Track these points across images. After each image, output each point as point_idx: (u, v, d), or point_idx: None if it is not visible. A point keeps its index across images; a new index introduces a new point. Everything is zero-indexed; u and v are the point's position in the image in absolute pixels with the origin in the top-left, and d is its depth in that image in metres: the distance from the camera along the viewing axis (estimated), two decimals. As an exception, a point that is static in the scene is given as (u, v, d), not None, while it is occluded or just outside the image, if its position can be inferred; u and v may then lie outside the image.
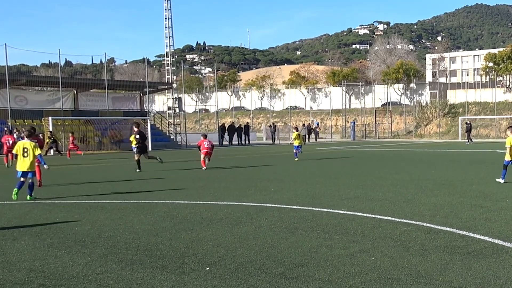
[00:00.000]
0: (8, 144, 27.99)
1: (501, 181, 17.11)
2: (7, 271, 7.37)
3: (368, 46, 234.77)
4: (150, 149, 42.78)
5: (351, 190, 15.69)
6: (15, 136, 30.33)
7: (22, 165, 14.65)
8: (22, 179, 14.72)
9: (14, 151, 15.22)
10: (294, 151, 31.44)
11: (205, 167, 25.15)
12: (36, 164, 18.67)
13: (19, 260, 7.97)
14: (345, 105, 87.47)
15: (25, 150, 14.63)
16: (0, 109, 47.39)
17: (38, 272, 7.28)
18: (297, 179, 19.68)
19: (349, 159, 32.27)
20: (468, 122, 57.54)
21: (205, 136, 26.89)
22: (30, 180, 14.83)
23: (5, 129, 43.39)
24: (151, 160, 25.87)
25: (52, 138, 37.34)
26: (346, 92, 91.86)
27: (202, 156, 25.60)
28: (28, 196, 14.81)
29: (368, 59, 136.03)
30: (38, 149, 14.98)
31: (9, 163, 27.38)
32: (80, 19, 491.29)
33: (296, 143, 31.58)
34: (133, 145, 27.63)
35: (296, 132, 32.53)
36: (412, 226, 10.13)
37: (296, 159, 30.52)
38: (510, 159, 17.31)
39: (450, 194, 14.52)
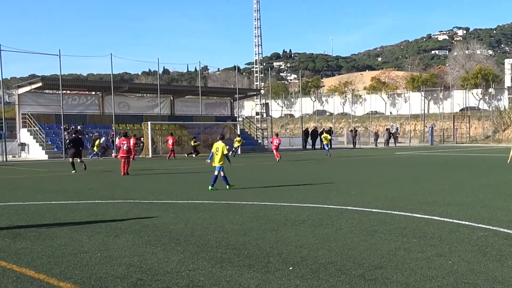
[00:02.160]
0: (123, 148, 25.27)
1: None
2: (109, 265, 7.62)
3: (447, 51, 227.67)
4: (239, 152, 43.29)
5: (429, 195, 15.33)
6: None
7: (216, 161, 17.28)
8: (216, 172, 17.24)
9: (212, 150, 17.69)
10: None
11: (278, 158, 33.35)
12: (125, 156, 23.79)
13: (120, 255, 8.22)
14: (424, 110, 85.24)
15: (217, 149, 17.27)
16: (106, 114, 49.05)
17: (136, 267, 7.48)
18: (377, 182, 19.42)
19: (427, 163, 31.53)
20: None
21: (276, 135, 38.49)
22: (223, 174, 17.25)
23: (111, 133, 45.02)
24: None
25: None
26: (425, 97, 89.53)
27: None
28: (228, 186, 17.26)
29: (447, 65, 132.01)
30: (226, 148, 17.57)
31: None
32: (177, 30, 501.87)
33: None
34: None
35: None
36: (490, 231, 9.80)
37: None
38: None
39: (528, 200, 13.93)
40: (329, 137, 42.18)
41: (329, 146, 40.96)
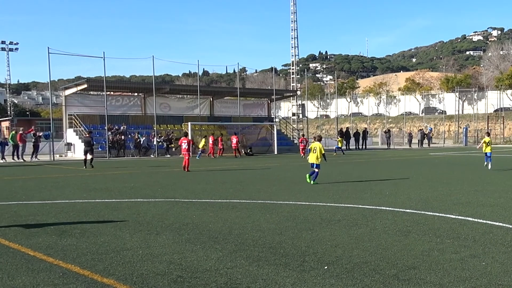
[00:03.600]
0: (183, 146, 26.50)
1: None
2: (150, 262, 7.70)
3: (481, 52, 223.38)
4: (276, 152, 43.29)
5: (462, 195, 15.09)
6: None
7: (311, 158, 18.74)
8: (316, 170, 18.61)
9: (310, 147, 19.32)
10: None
11: (303, 155, 36.68)
12: (186, 154, 25.78)
13: (161, 253, 8.30)
14: (458, 110, 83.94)
15: (314, 148, 18.73)
16: (148, 115, 49.53)
17: (176, 265, 7.55)
18: (410, 183, 19.19)
19: (461, 164, 31.03)
20: None
21: (303, 135, 42.82)
22: (316, 170, 18.58)
23: (152, 133, 45.41)
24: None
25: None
26: (459, 98, 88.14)
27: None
28: (312, 182, 18.45)
29: (481, 65, 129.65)
30: (323, 149, 18.97)
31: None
32: (216, 32, 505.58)
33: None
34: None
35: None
36: (524, 233, 9.60)
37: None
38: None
39: None
40: (343, 140, 48.48)
41: (340, 148, 45.55)
